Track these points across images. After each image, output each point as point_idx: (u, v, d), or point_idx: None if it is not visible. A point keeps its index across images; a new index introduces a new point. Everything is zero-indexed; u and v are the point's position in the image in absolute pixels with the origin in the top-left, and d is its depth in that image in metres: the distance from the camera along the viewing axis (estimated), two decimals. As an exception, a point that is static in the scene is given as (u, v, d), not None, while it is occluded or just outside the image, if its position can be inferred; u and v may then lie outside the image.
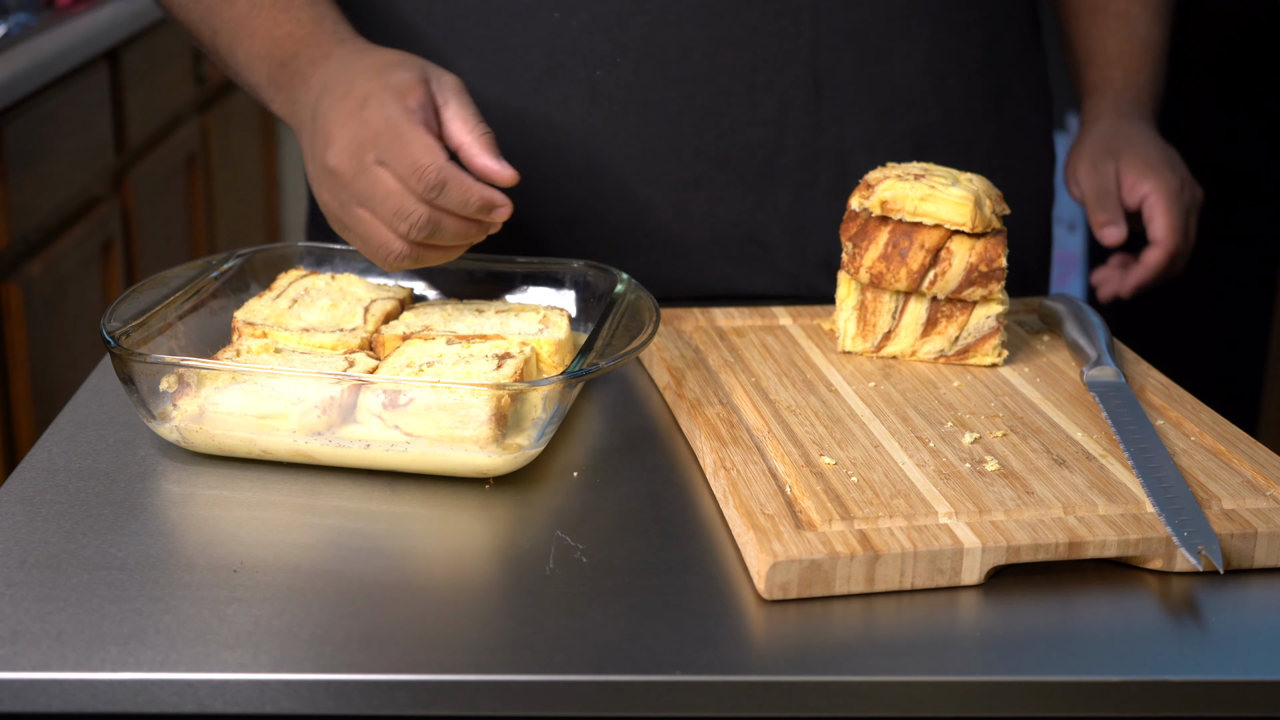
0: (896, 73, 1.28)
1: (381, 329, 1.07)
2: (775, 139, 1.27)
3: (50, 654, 0.76)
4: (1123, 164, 1.32)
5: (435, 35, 1.25)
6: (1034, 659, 0.80)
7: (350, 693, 0.76)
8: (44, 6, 2.47)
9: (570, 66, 1.24)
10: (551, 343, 1.05)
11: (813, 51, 1.25)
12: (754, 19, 1.24)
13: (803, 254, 1.31)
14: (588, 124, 1.25)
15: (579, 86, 1.25)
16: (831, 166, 1.29)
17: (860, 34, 1.26)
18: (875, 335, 1.14)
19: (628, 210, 1.27)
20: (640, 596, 0.83)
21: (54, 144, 2.21)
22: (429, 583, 0.85)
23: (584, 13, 1.23)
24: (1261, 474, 0.95)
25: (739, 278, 1.31)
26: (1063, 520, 0.88)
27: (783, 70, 1.25)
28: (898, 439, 0.99)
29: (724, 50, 1.24)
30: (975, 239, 1.10)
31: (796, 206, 1.29)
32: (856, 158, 1.29)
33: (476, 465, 0.94)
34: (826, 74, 1.26)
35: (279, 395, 0.94)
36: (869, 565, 0.84)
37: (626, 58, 1.24)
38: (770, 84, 1.25)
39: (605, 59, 1.24)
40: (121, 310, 1.01)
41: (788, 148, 1.28)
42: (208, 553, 0.87)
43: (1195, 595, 0.86)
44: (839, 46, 1.26)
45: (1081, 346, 1.13)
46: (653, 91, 1.24)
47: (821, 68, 1.26)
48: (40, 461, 0.97)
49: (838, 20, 1.25)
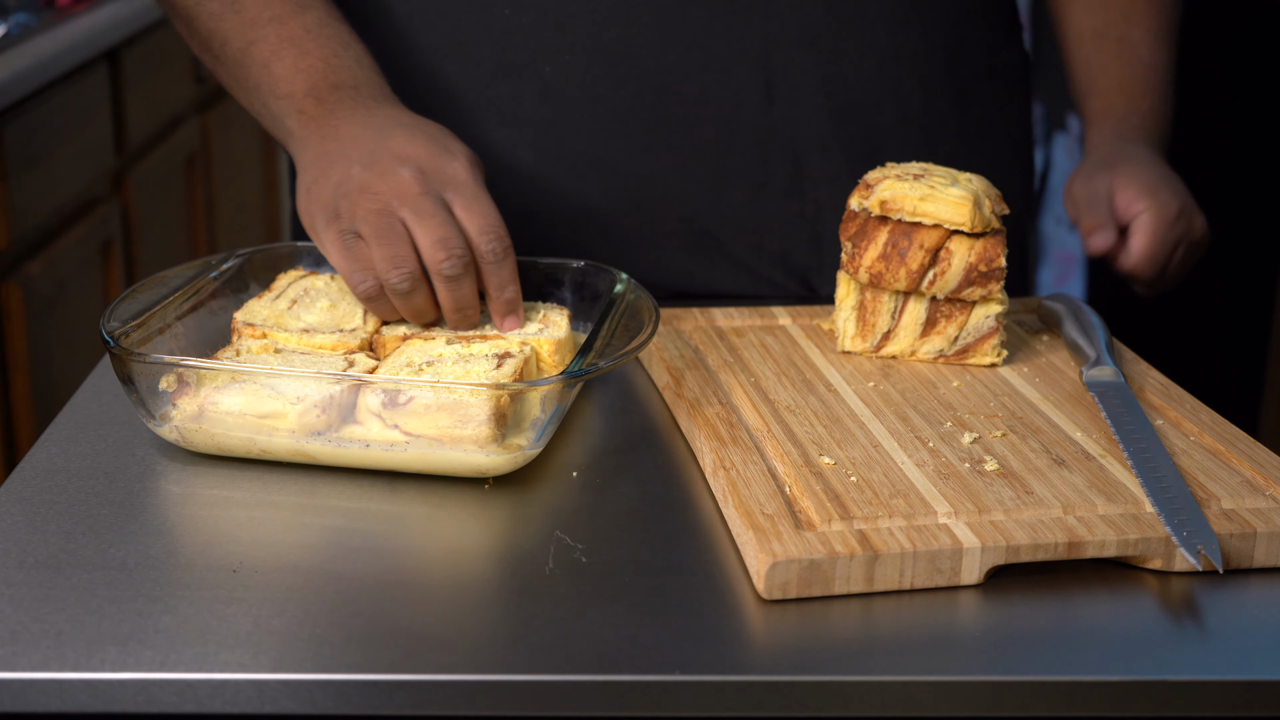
0: (850, 74, 1.28)
1: (382, 329, 1.07)
2: (727, 138, 1.27)
3: (49, 654, 0.76)
4: (1118, 179, 1.28)
5: (391, 34, 1.26)
6: (1033, 659, 0.80)
7: (350, 693, 0.76)
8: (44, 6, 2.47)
9: (520, 63, 1.25)
10: (551, 342, 1.05)
11: (764, 52, 1.26)
12: (703, 18, 1.24)
13: (759, 251, 1.31)
14: (539, 120, 1.26)
15: (530, 82, 1.25)
16: (785, 166, 1.29)
17: (813, 35, 1.26)
18: (874, 335, 1.14)
19: (582, 206, 1.28)
20: (640, 596, 0.83)
21: (54, 144, 2.21)
22: (428, 583, 0.85)
23: (533, 10, 1.24)
24: (1261, 474, 0.95)
25: (698, 273, 1.31)
26: (1062, 520, 0.88)
27: (733, 70, 1.26)
28: (897, 439, 0.99)
29: (673, 49, 1.24)
30: (974, 239, 1.10)
31: (751, 205, 1.30)
32: (811, 158, 1.29)
33: (476, 465, 0.94)
34: (779, 74, 1.26)
35: (279, 394, 0.94)
36: (868, 565, 0.84)
37: (575, 55, 1.24)
38: (721, 83, 1.26)
39: (554, 55, 1.25)
40: (121, 310, 1.01)
41: (740, 147, 1.28)
42: (207, 553, 0.87)
43: (1195, 595, 0.86)
44: (791, 47, 1.26)
45: (1080, 346, 1.13)
46: (602, 88, 1.25)
47: (773, 68, 1.26)
48: (40, 462, 0.97)
49: (788, 21, 1.25)
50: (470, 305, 1.03)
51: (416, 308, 1.03)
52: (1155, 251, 1.26)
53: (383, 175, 1.03)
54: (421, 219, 1.01)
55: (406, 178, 1.02)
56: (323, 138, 1.08)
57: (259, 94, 1.15)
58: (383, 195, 1.02)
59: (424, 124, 1.08)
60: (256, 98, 1.15)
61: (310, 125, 1.10)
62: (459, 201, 1.03)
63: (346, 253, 1.03)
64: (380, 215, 1.01)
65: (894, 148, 1.29)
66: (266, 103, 1.14)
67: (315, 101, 1.11)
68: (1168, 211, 1.26)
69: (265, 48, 1.14)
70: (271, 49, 1.14)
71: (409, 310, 1.04)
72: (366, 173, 1.03)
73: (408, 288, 1.01)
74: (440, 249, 1.00)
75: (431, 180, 1.03)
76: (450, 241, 1.01)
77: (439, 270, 1.01)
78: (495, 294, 1.04)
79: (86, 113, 2.37)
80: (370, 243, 1.02)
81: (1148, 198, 1.26)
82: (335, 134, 1.08)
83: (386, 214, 1.01)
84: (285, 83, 1.12)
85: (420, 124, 1.08)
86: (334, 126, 1.09)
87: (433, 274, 1.02)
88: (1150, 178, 1.28)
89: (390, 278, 1.01)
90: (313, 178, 1.07)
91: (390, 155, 1.04)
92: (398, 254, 1.01)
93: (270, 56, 1.14)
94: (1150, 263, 1.27)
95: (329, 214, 1.04)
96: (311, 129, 1.10)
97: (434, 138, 1.06)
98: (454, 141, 1.07)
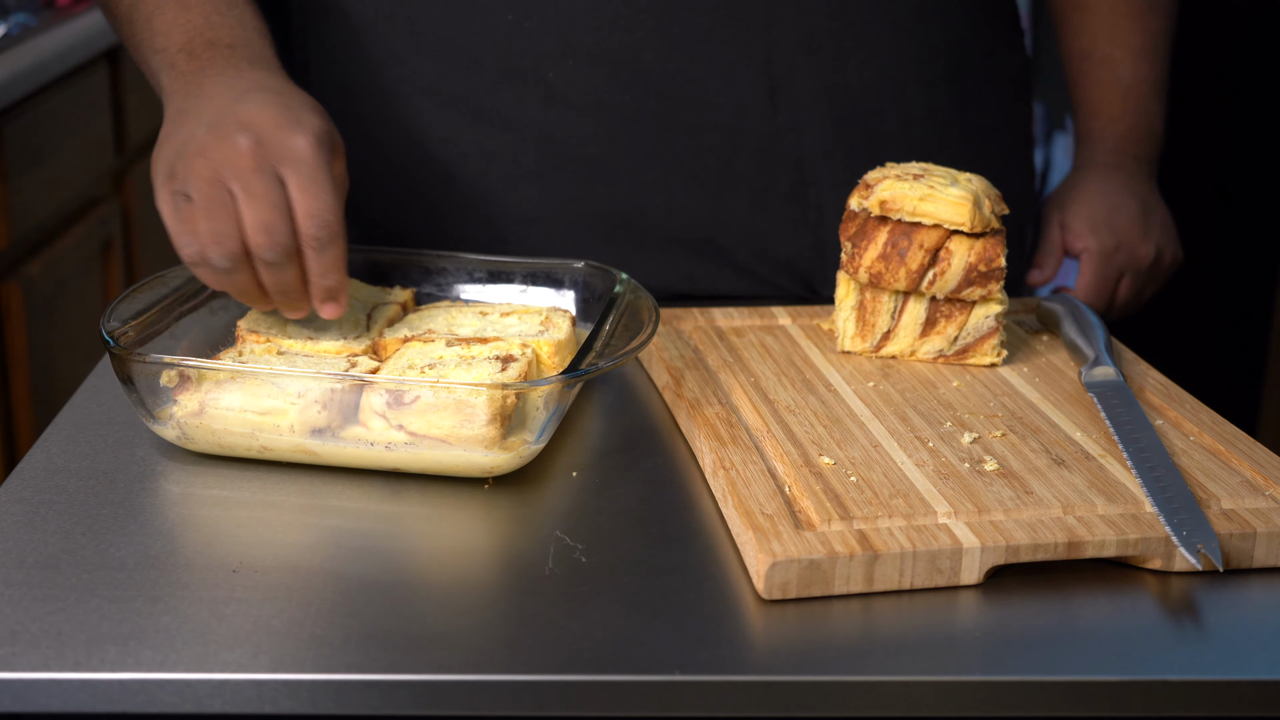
0: (853, 80, 1.28)
1: (384, 331, 1.07)
2: (730, 144, 1.27)
3: (49, 654, 0.76)
4: (1067, 216, 1.40)
5: (394, 35, 1.25)
6: (1033, 659, 0.80)
7: (350, 693, 0.76)
8: (44, 6, 2.47)
9: (524, 68, 1.24)
10: (551, 343, 1.05)
11: (767, 59, 1.25)
12: (706, 25, 1.24)
13: (762, 257, 1.31)
14: (543, 125, 1.26)
15: (533, 88, 1.25)
16: (789, 172, 1.29)
17: (815, 42, 1.26)
18: (874, 335, 1.14)
19: (585, 211, 1.28)
20: (640, 596, 0.83)
21: (54, 144, 2.21)
22: (429, 583, 0.85)
23: (537, 15, 1.23)
24: (1261, 474, 0.95)
25: (701, 278, 1.31)
26: (1062, 520, 0.88)
27: (736, 75, 1.25)
28: (897, 439, 0.99)
29: (676, 55, 1.24)
30: (974, 239, 1.10)
31: (754, 210, 1.30)
32: (814, 163, 1.29)
33: (477, 464, 0.94)
34: (781, 81, 1.26)
35: (280, 390, 0.94)
36: (868, 565, 0.84)
37: (579, 60, 1.24)
38: (724, 90, 1.25)
39: (558, 61, 1.24)
40: (121, 310, 1.01)
41: (744, 153, 1.28)
42: (207, 553, 0.87)
43: (1194, 595, 0.86)
44: (794, 53, 1.26)
45: (1080, 346, 1.13)
46: (606, 94, 1.25)
47: (777, 74, 1.26)
48: (40, 461, 0.97)
49: (792, 27, 1.25)
50: (293, 289, 0.99)
51: (238, 285, 0.99)
52: (1095, 287, 1.38)
53: (220, 140, 0.97)
54: (250, 197, 0.96)
55: (243, 147, 0.97)
56: (186, 95, 1.04)
57: (141, 50, 1.11)
58: (216, 162, 0.97)
59: (288, 92, 1.02)
60: (140, 54, 1.12)
61: (179, 81, 1.06)
62: (294, 180, 0.97)
63: (175, 214, 0.98)
64: (210, 184, 0.97)
65: (897, 153, 1.29)
66: (146, 58, 1.11)
67: (188, 57, 1.07)
68: (1104, 249, 1.38)
69: (150, 3, 1.11)
70: (155, 4, 1.11)
71: (231, 287, 0.99)
72: (208, 135, 0.98)
73: (228, 266, 0.97)
74: (262, 232, 0.96)
75: (269, 152, 0.97)
76: (273, 226, 0.96)
77: (259, 254, 0.97)
78: (315, 280, 0.99)
79: (86, 113, 2.37)
80: (197, 211, 0.97)
81: (1088, 236, 1.38)
82: (199, 91, 1.03)
83: (216, 183, 0.97)
84: (163, 37, 1.09)
85: (284, 91, 1.02)
86: (200, 84, 1.04)
87: (254, 256, 0.97)
88: (1096, 214, 1.39)
89: (211, 254, 0.97)
90: (166, 133, 1.03)
91: (235, 121, 0.98)
92: (221, 230, 0.96)
93: (153, 11, 1.10)
94: (1092, 298, 1.38)
95: (167, 171, 0.99)
96: (179, 84, 1.05)
97: (289, 108, 1.00)
98: (310, 114, 1.00)
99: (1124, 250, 1.38)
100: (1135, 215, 1.39)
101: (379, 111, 1.27)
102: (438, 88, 1.26)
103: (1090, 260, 1.38)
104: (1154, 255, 1.39)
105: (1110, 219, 1.38)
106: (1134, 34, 1.40)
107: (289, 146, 0.97)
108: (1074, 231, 1.39)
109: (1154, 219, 1.40)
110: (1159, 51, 1.41)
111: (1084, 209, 1.39)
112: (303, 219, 0.97)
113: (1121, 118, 1.41)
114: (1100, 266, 1.38)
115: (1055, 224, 1.41)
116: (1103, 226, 1.38)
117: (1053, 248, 1.40)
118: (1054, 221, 1.41)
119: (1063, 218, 1.40)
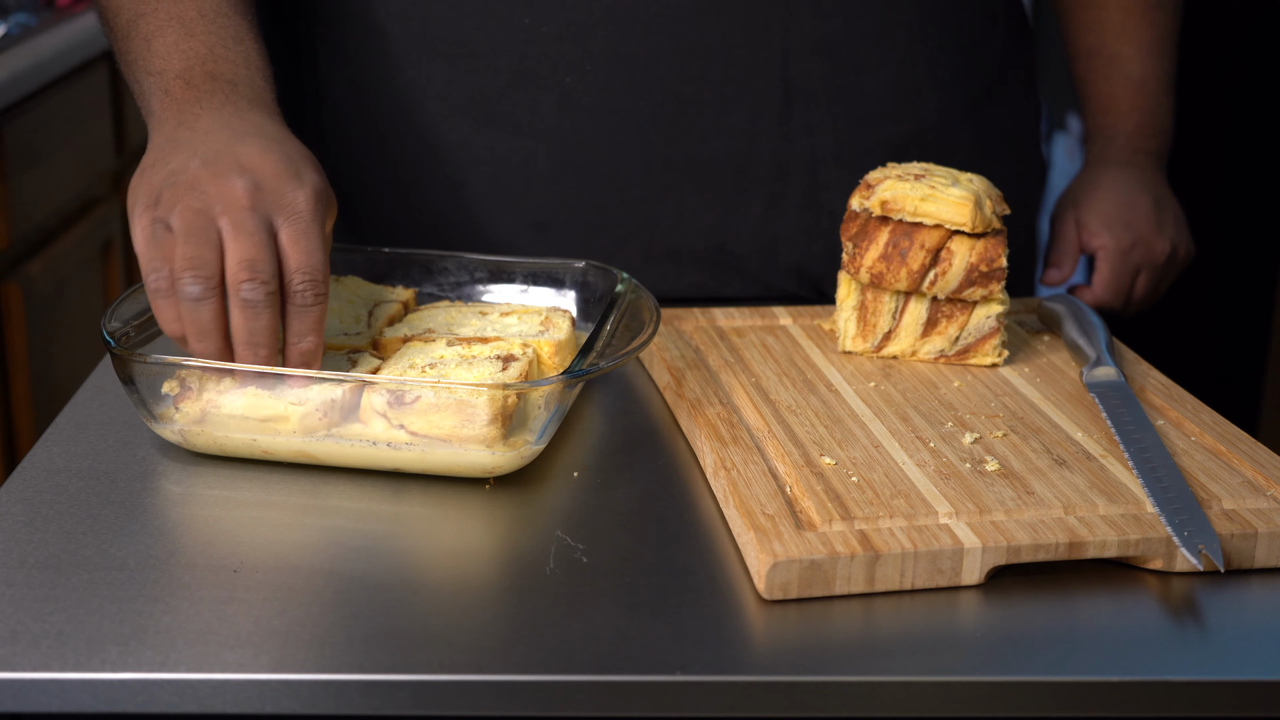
0: (868, 84, 1.28)
1: (385, 331, 1.07)
2: (745, 149, 1.27)
3: (50, 654, 0.76)
4: (1081, 213, 1.40)
5: (407, 39, 1.25)
6: (1034, 659, 0.80)
7: (350, 693, 0.76)
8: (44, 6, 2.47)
9: (540, 73, 1.24)
10: (552, 343, 1.05)
11: (783, 62, 1.25)
12: (724, 29, 1.23)
13: (773, 264, 1.31)
14: (557, 130, 1.25)
15: (548, 93, 1.24)
16: (803, 177, 1.29)
17: (832, 45, 1.26)
18: (875, 335, 1.14)
19: (596, 217, 1.27)
20: (640, 596, 0.83)
21: (54, 144, 2.21)
22: (429, 583, 0.85)
23: (553, 20, 1.23)
24: (1262, 474, 0.95)
25: (710, 284, 1.31)
26: (1063, 520, 0.88)
27: (753, 80, 1.25)
28: (898, 439, 0.99)
29: (693, 60, 1.24)
30: (975, 239, 1.10)
31: (767, 217, 1.29)
32: (828, 169, 1.28)
33: (478, 464, 0.94)
34: (797, 84, 1.26)
35: (280, 397, 0.94)
36: (869, 565, 0.84)
37: (595, 65, 1.23)
38: (740, 94, 1.25)
39: (574, 66, 1.24)
40: (122, 310, 1.01)
41: (758, 158, 1.27)
42: (208, 553, 0.87)
43: (1195, 595, 0.86)
44: (810, 57, 1.26)
45: (1081, 347, 1.13)
46: (622, 99, 1.24)
47: (792, 78, 1.26)
48: (40, 461, 0.97)
49: (809, 31, 1.25)
50: (264, 343, 0.92)
51: (200, 321, 0.91)
52: (1113, 284, 1.38)
53: (216, 177, 0.93)
54: (238, 233, 0.91)
55: (239, 188, 0.92)
56: (179, 124, 0.99)
57: (135, 69, 1.07)
58: (208, 197, 0.92)
59: (287, 142, 0.98)
60: (132, 73, 1.08)
61: (171, 108, 1.01)
62: (288, 231, 0.93)
63: (150, 240, 0.93)
64: (197, 215, 0.92)
65: (911, 156, 1.29)
66: (139, 79, 1.06)
67: (184, 85, 1.02)
68: (1121, 245, 1.38)
69: (152, 22, 1.07)
70: (158, 24, 1.07)
71: (192, 321, 0.92)
72: (203, 170, 0.94)
73: (198, 293, 0.90)
74: (246, 269, 0.90)
75: (265, 199, 0.93)
76: (259, 265, 0.91)
77: (238, 290, 0.91)
78: (293, 339, 0.94)
79: (86, 113, 2.37)
80: (177, 237, 0.91)
81: (1104, 233, 1.38)
82: (193, 123, 0.98)
83: (204, 215, 0.92)
84: (161, 60, 1.04)
85: (284, 140, 0.98)
86: (194, 115, 0.99)
87: (231, 293, 0.91)
88: (1110, 210, 1.39)
89: (183, 277, 0.90)
90: (152, 160, 0.97)
91: (234, 161, 0.94)
92: (199, 256, 0.91)
93: (154, 32, 1.06)
94: (1110, 295, 1.39)
95: (150, 199, 0.94)
96: (171, 112, 1.01)
97: (289, 158, 0.95)
98: (309, 169, 0.96)
99: (1140, 246, 1.38)
100: (1150, 211, 1.39)
101: (391, 114, 1.27)
102: (451, 92, 1.25)
103: (1107, 257, 1.38)
104: (1169, 250, 1.40)
105: (1125, 215, 1.39)
106: (1143, 30, 1.40)
107: (288, 197, 0.94)
108: (1090, 229, 1.39)
109: (1167, 214, 1.41)
110: (1167, 47, 1.42)
111: (1099, 206, 1.39)
112: (293, 272, 0.92)
113: (1132, 114, 1.41)
114: (1117, 263, 1.38)
115: (1070, 222, 1.41)
116: (1118, 223, 1.38)
117: (1069, 246, 1.40)
118: (1069, 219, 1.41)
119: (1078, 215, 1.40)
